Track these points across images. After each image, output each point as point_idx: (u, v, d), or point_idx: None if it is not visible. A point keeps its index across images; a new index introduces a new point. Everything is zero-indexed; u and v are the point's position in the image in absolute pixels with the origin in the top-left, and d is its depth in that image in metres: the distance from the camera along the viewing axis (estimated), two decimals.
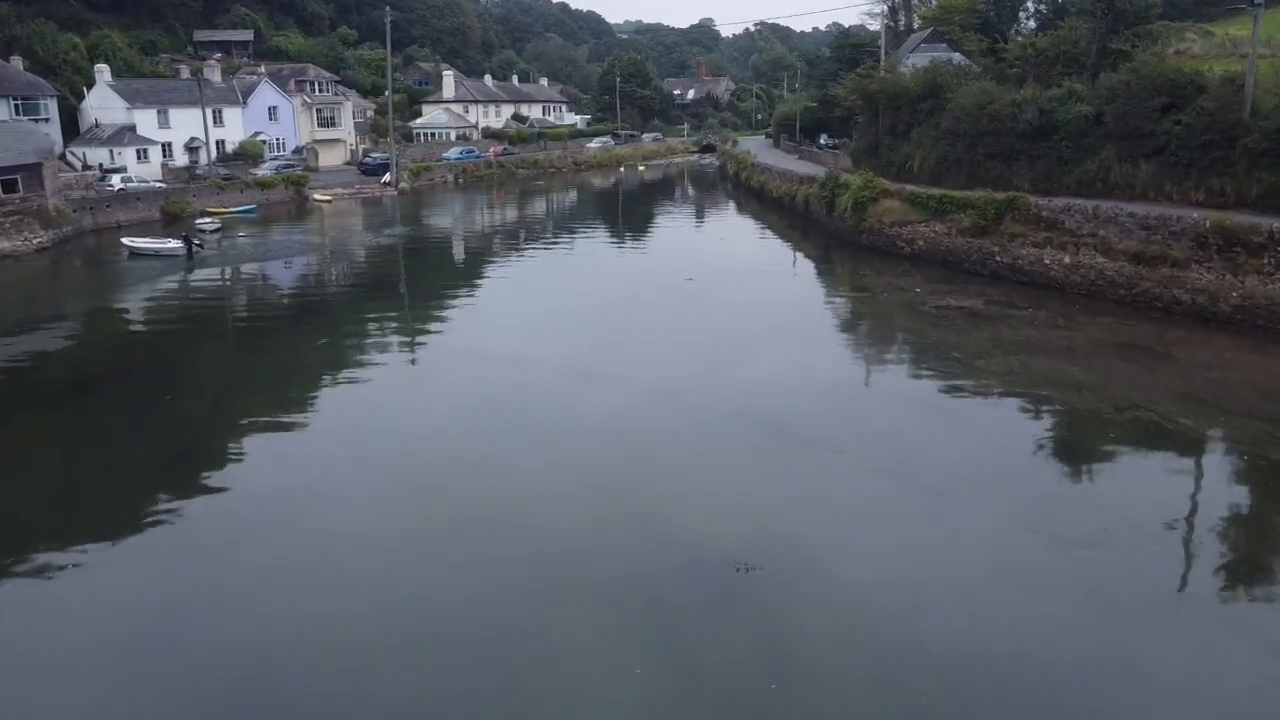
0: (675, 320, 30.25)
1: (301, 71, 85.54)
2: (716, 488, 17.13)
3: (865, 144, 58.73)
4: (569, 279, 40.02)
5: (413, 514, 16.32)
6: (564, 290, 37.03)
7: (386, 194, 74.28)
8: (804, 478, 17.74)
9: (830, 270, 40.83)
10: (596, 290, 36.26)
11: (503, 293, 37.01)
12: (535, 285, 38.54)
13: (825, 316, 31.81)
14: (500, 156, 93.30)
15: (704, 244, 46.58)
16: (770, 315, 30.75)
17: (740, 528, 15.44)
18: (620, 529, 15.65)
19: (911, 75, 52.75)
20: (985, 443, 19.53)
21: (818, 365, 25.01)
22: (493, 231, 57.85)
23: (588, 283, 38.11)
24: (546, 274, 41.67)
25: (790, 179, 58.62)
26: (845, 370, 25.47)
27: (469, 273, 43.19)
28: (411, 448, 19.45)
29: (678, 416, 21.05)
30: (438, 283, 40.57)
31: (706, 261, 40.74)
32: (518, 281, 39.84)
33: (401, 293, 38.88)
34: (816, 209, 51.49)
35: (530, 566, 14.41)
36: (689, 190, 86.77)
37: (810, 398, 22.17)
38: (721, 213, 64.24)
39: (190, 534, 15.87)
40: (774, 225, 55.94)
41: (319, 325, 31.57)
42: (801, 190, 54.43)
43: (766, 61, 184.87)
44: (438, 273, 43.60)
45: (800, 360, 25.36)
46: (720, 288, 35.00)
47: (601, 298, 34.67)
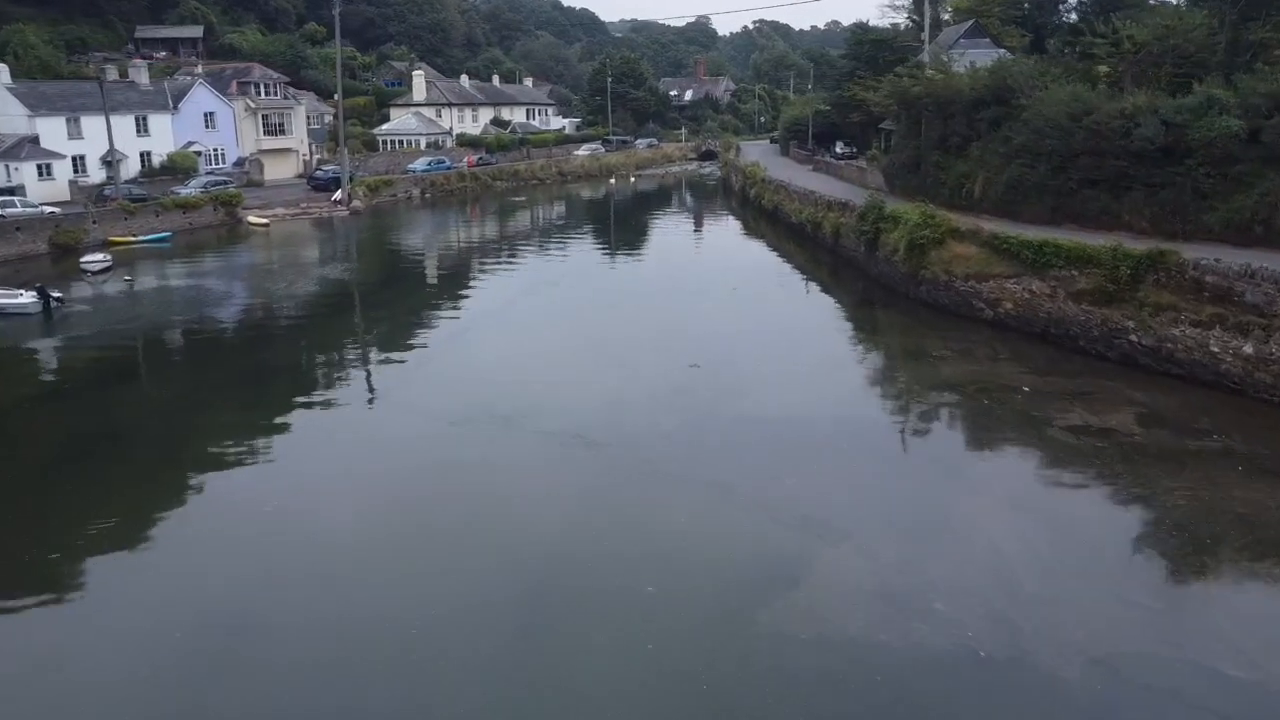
0: (676, 459, 19.70)
1: (245, 72, 75.06)
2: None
3: (904, 159, 48.37)
4: (536, 354, 29.51)
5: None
6: (528, 380, 26.47)
7: (336, 214, 63.83)
8: None
9: (882, 340, 30.43)
10: (570, 391, 25.42)
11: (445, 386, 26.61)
12: (480, 377, 28.06)
13: (892, 442, 21.17)
14: (475, 167, 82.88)
15: (709, 292, 36.26)
16: (811, 444, 20.22)
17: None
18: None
19: (969, 76, 42.45)
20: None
21: (925, 603, 13.77)
22: (456, 267, 47.37)
23: (561, 367, 27.44)
24: (506, 352, 31.16)
25: (813, 202, 48.26)
26: (981, 624, 13.22)
27: (413, 340, 32.77)
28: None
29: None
30: (386, 355, 30.17)
31: (714, 328, 30.31)
32: (454, 374, 29.42)
33: (329, 380, 28.36)
34: (851, 243, 41.18)
35: None
36: (687, 205, 76.38)
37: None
38: (727, 240, 53.82)
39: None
40: (794, 258, 45.63)
41: (191, 443, 21.12)
42: (830, 218, 44.08)
43: (768, 60, 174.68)
44: (388, 335, 33.11)
45: (884, 582, 14.64)
46: (738, 380, 24.55)
47: (579, 416, 23.65)
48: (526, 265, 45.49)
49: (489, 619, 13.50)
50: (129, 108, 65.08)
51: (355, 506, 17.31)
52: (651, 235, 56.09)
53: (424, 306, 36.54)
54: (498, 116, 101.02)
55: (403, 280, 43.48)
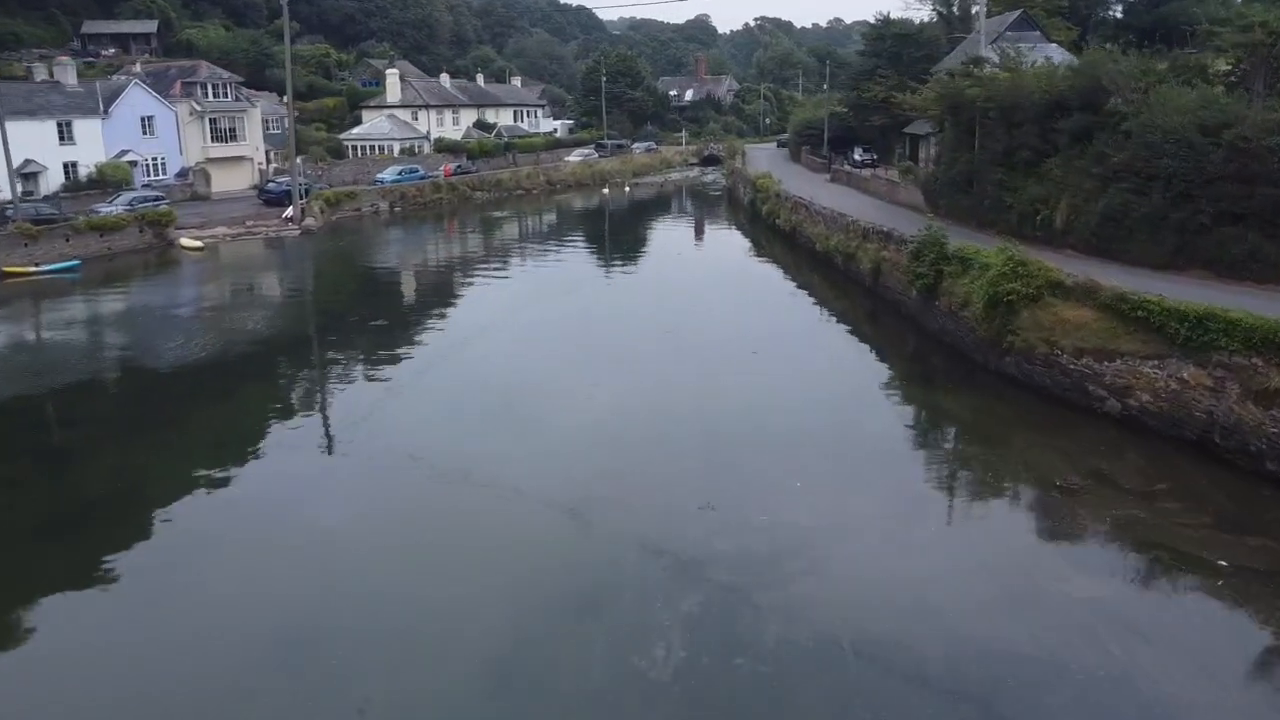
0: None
1: (191, 70, 66.67)
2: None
3: (952, 174, 40.11)
4: (503, 440, 21.27)
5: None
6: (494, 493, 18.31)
7: (287, 233, 55.50)
8: None
9: (972, 446, 21.93)
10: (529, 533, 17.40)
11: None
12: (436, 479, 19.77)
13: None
14: (453, 176, 74.52)
15: (723, 351, 27.94)
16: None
17: None
18: None
19: (1042, 75, 34.15)
20: None
21: None
22: (413, 309, 39.03)
23: (540, 472, 19.27)
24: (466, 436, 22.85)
25: (844, 227, 39.91)
26: None
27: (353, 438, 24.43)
28: None
29: None
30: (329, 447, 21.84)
31: (731, 426, 21.95)
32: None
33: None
34: (897, 285, 32.88)
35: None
36: (690, 220, 67.98)
37: None
38: (737, 266, 45.14)
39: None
40: (821, 297, 37.31)
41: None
42: (868, 251, 35.74)
43: (772, 59, 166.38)
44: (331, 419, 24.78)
45: None
46: (771, 548, 16.09)
47: (556, 554, 15.82)
48: (496, 304, 37.13)
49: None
50: (50, 112, 56.78)
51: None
52: (649, 259, 47.72)
53: (370, 357, 28.21)
54: (481, 119, 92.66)
55: (348, 321, 35.13)
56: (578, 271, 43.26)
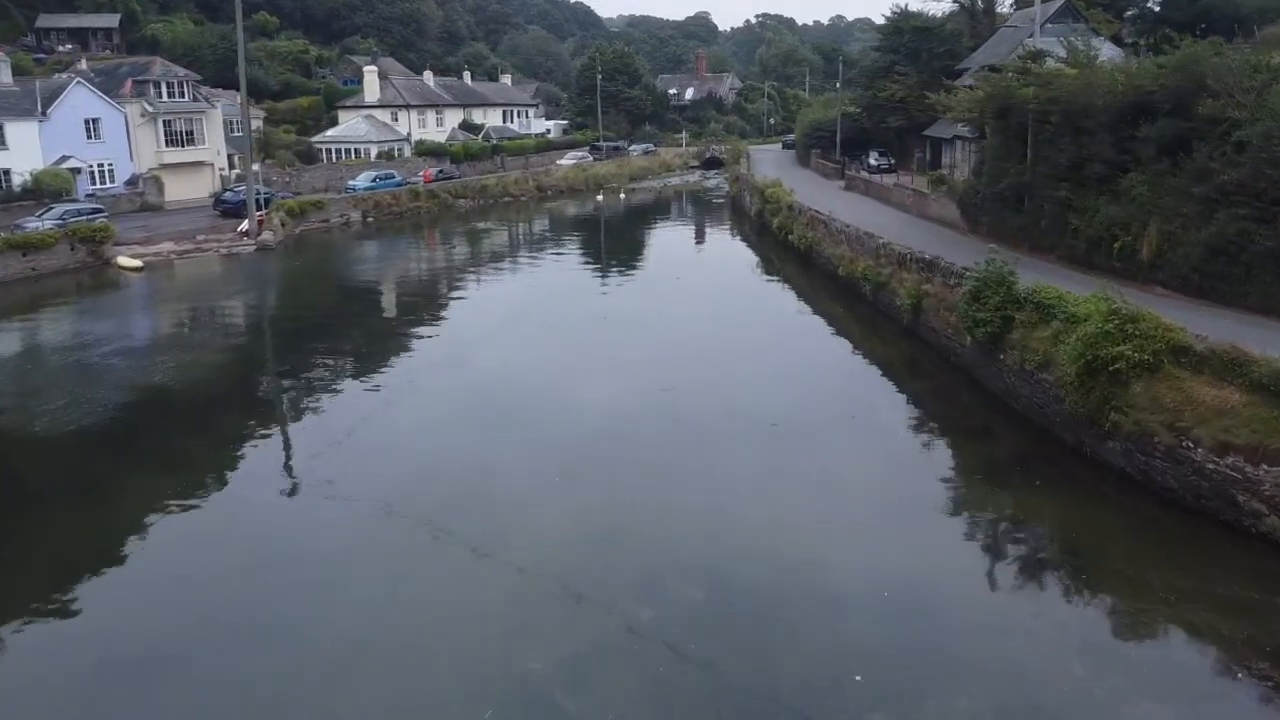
0: None
1: (143, 68, 60.81)
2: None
3: (1000, 189, 34.35)
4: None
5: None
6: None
7: (242, 249, 49.70)
8: None
9: (1046, 566, 16.07)
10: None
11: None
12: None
13: None
14: (433, 182, 68.66)
15: (736, 425, 22.11)
16: None
17: None
18: None
19: (1123, 71, 28.32)
20: None
21: None
22: (378, 341, 33.09)
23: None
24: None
25: (872, 251, 34.02)
26: None
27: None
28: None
29: None
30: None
31: (744, 549, 16.14)
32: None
33: None
34: (944, 328, 27.04)
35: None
36: (689, 230, 62.12)
37: None
38: (746, 292, 39.03)
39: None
40: (847, 332, 31.45)
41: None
42: (906, 282, 29.84)
43: (775, 55, 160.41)
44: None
45: None
46: None
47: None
48: (462, 349, 31.22)
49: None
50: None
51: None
52: (646, 284, 41.78)
53: (316, 409, 22.44)
54: (467, 120, 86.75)
55: (296, 360, 29.24)
56: (563, 302, 37.34)
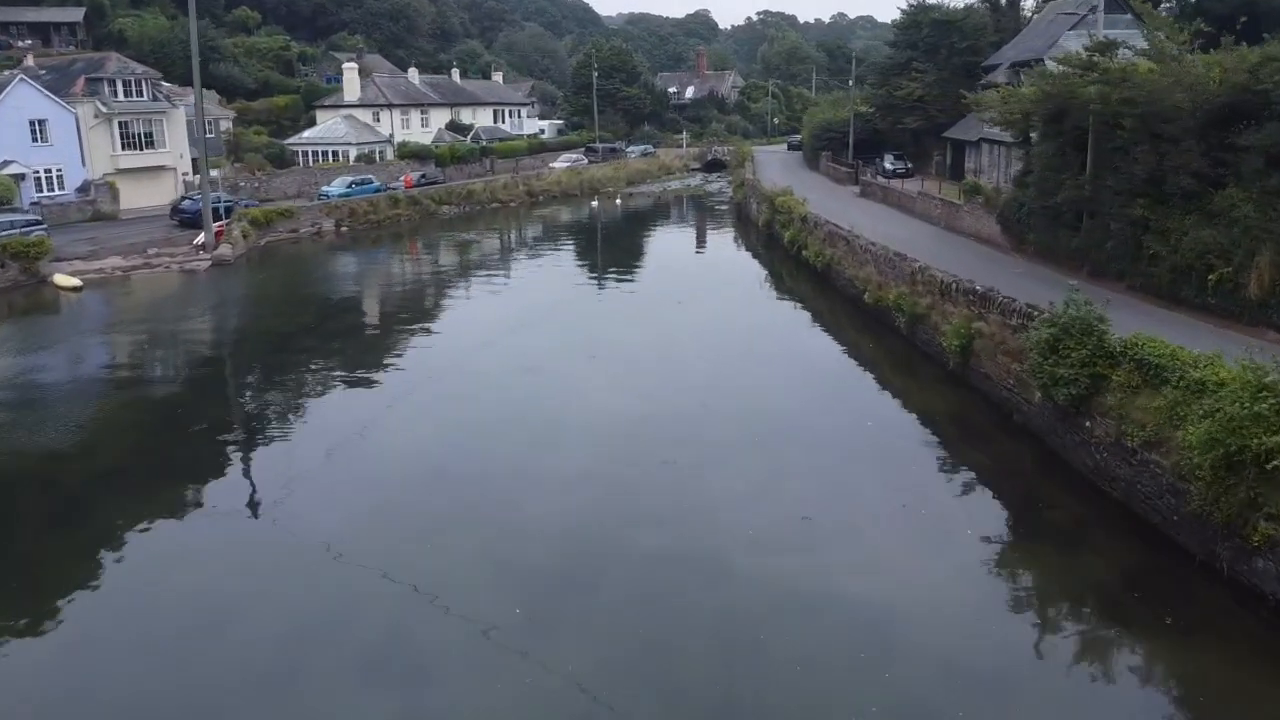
0: None
1: (97, 65, 55.95)
2: None
3: (1054, 203, 29.57)
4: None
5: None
6: None
7: (198, 265, 44.88)
8: None
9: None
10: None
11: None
12: None
13: None
14: (415, 187, 63.82)
15: (752, 518, 17.34)
16: None
17: None
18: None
19: (1218, 65, 23.47)
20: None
21: None
22: (330, 388, 28.14)
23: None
24: None
25: (905, 275, 29.12)
26: None
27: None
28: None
29: None
30: None
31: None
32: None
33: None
34: (1003, 377, 22.20)
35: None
36: (690, 240, 57.22)
37: None
38: (755, 321, 33.84)
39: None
40: (878, 374, 26.55)
41: None
42: (953, 318, 24.94)
43: (779, 53, 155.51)
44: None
45: None
46: None
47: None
48: (414, 391, 26.35)
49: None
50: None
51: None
52: (641, 307, 36.88)
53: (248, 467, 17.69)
54: (455, 120, 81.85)
55: (228, 419, 24.42)
56: (546, 331, 32.41)
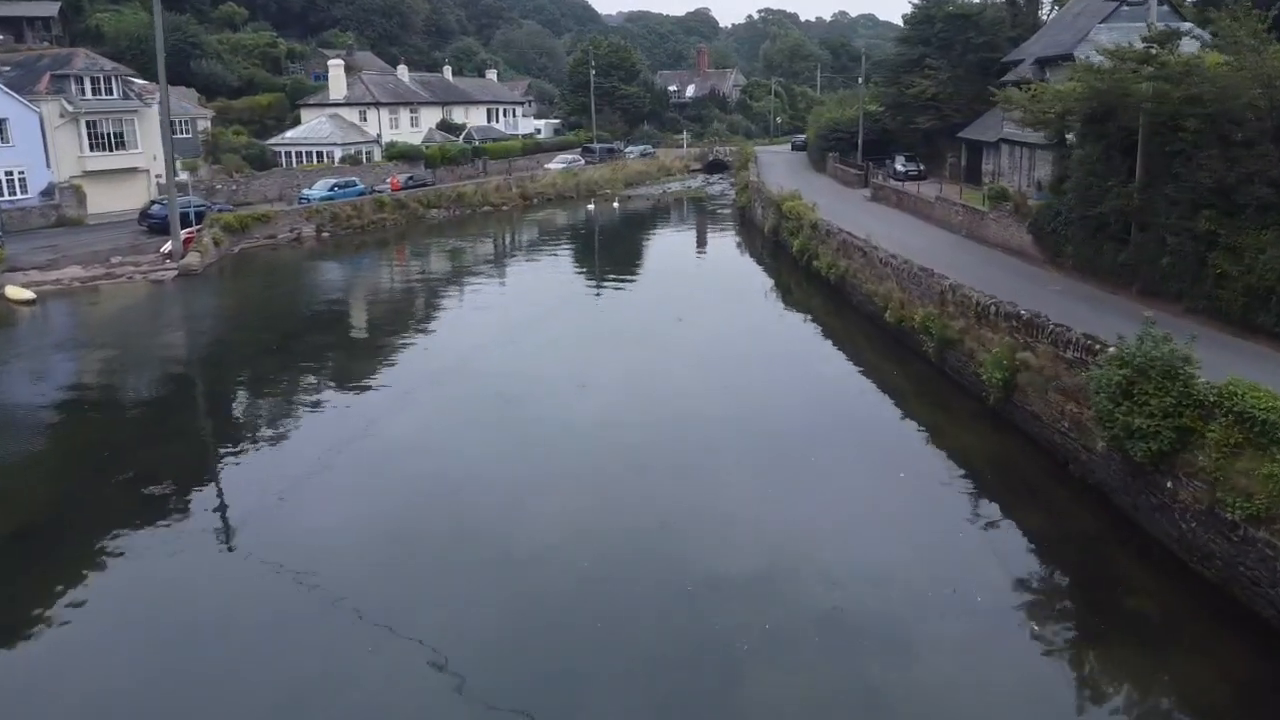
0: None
1: (64, 61, 52.89)
2: None
3: (1099, 213, 26.57)
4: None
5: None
6: None
7: (164, 274, 41.85)
8: None
9: None
10: None
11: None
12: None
13: None
14: (402, 190, 60.78)
15: (760, 610, 14.56)
16: None
17: None
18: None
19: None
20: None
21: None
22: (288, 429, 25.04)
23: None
24: None
25: (933, 292, 25.98)
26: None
27: None
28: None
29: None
30: None
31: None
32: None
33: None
34: (1056, 419, 19.11)
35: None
36: (690, 247, 54.14)
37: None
38: (761, 346, 30.53)
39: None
40: (907, 409, 23.44)
41: None
42: (990, 344, 21.85)
43: (781, 51, 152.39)
44: None
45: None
46: None
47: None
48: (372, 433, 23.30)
49: None
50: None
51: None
52: (638, 320, 33.76)
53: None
54: (446, 119, 78.78)
55: (167, 466, 21.39)
56: (530, 354, 29.28)
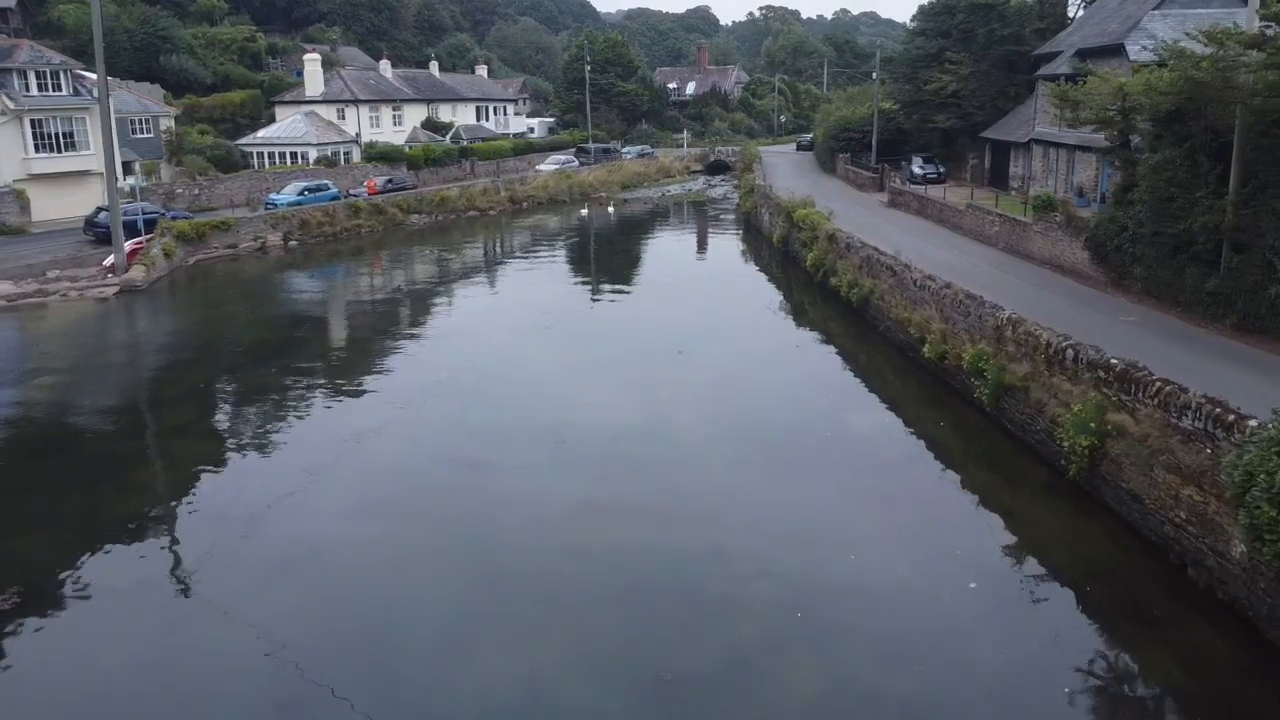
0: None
1: (5, 54, 48.38)
2: None
3: (1181, 231, 22.20)
4: None
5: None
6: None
7: (106, 290, 37.47)
8: None
9: None
10: None
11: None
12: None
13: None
14: (379, 193, 56.33)
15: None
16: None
17: None
18: None
19: None
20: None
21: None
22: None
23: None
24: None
25: (988, 325, 21.54)
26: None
27: None
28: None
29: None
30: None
31: None
32: None
33: None
34: (1163, 504, 14.70)
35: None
36: (691, 260, 49.71)
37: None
38: (774, 382, 26.24)
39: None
40: (961, 475, 19.02)
41: None
42: (1071, 397, 17.40)
43: (784, 47, 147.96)
44: None
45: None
46: None
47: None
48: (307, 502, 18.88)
49: None
50: None
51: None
52: (631, 350, 29.32)
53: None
54: (432, 117, 74.32)
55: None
56: (500, 399, 24.93)
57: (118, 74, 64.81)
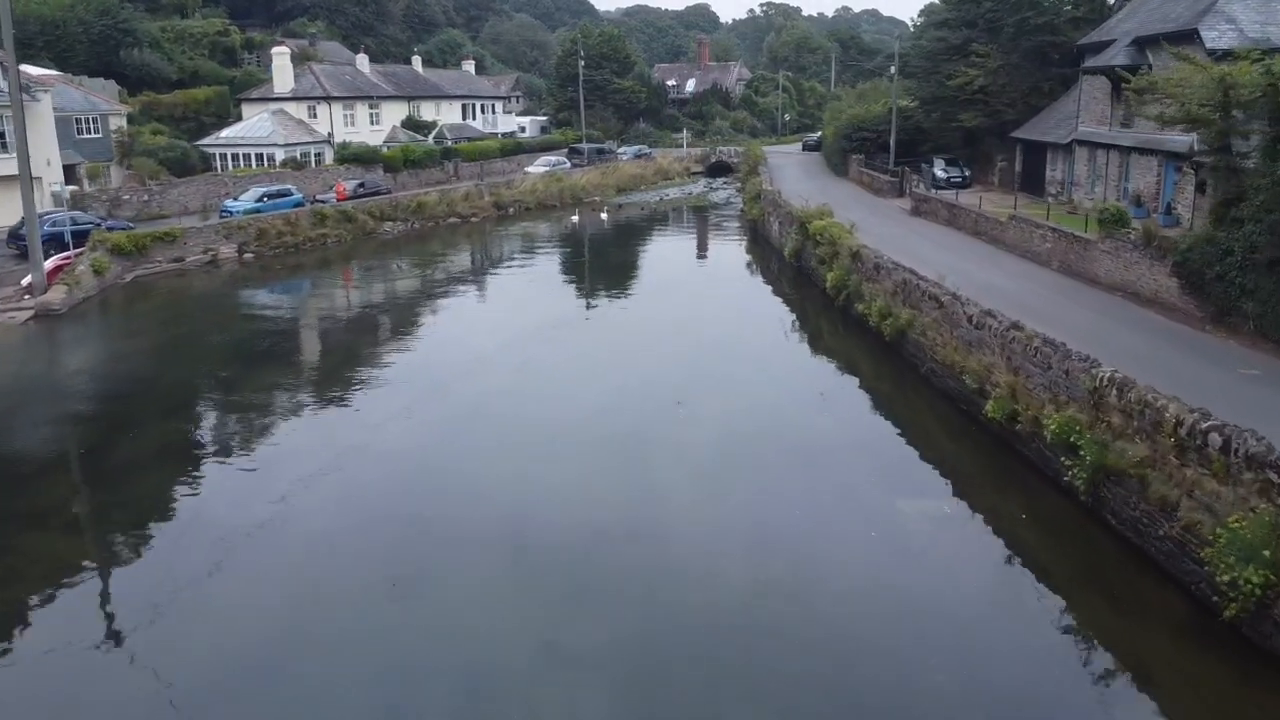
0: None
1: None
2: None
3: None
4: None
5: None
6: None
7: (17, 317, 32.57)
8: None
9: None
10: None
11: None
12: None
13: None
14: (349, 199, 51.39)
15: None
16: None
17: None
18: None
19: None
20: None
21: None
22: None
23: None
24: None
25: (1087, 390, 16.66)
26: None
27: None
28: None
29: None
30: None
31: None
32: None
33: None
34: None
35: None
36: (691, 274, 44.75)
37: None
38: (791, 447, 20.90)
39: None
40: (1056, 590, 14.19)
41: None
42: (1229, 505, 12.51)
43: (787, 44, 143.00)
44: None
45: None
46: None
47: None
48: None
49: None
50: None
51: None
52: (620, 400, 24.39)
53: None
54: (414, 116, 69.34)
55: None
56: (466, 477, 20.16)
57: (71, 69, 60.06)
